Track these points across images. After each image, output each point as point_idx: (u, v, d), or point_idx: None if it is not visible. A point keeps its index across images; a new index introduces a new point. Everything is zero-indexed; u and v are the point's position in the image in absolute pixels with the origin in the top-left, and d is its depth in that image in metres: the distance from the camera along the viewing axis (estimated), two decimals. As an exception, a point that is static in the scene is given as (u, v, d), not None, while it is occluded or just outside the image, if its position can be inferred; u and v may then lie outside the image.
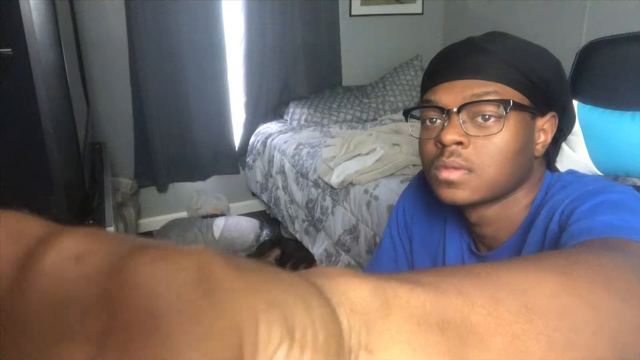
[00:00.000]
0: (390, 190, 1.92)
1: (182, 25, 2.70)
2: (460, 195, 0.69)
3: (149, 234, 2.93)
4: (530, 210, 0.73)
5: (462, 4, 3.27)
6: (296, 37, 3.02)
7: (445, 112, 0.68)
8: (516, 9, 2.83)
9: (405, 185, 1.93)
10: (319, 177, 2.26)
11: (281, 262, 2.62)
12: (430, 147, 0.71)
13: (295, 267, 2.50)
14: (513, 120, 0.67)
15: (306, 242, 2.45)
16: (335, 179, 2.12)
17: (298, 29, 3.01)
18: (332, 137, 2.58)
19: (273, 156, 2.75)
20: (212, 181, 3.13)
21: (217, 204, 3.08)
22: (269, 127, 2.97)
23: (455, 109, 0.67)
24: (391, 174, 2.04)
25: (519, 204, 0.73)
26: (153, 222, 3.01)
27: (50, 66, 1.18)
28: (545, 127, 0.71)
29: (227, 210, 3.15)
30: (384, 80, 3.23)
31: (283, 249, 2.67)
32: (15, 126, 1.26)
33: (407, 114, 0.77)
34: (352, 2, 3.18)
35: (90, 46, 2.59)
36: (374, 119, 3.04)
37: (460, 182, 0.68)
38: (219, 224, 2.79)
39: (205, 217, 2.95)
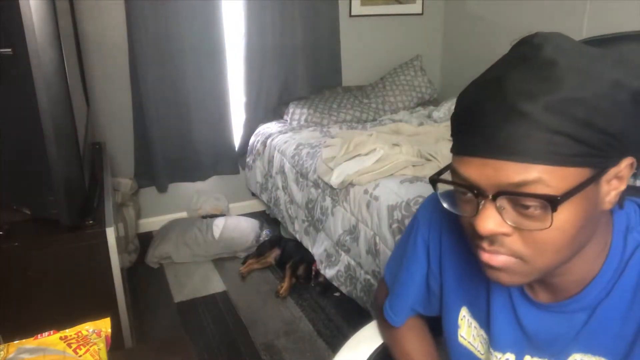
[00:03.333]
0: (390, 191, 1.92)
1: (182, 25, 2.70)
2: (507, 280, 0.60)
3: (148, 234, 2.93)
4: (607, 259, 0.62)
5: (462, 4, 3.27)
6: (296, 37, 3.02)
7: (479, 194, 0.56)
8: (516, 9, 2.83)
9: (406, 185, 1.93)
10: (319, 178, 2.26)
11: (281, 262, 2.62)
12: (467, 223, 0.60)
13: (295, 267, 2.50)
14: (566, 206, 0.53)
15: (306, 242, 2.45)
16: (335, 179, 2.12)
17: (298, 29, 3.01)
18: (332, 138, 2.58)
19: (273, 156, 2.75)
20: (212, 181, 3.13)
21: (217, 204, 3.08)
22: (269, 127, 2.97)
23: (490, 196, 0.54)
24: (391, 175, 2.04)
25: (590, 254, 0.62)
26: (153, 222, 3.01)
27: (50, 66, 1.18)
28: (620, 174, 0.57)
29: (227, 211, 3.15)
30: (384, 81, 3.23)
31: (283, 249, 2.67)
32: (15, 126, 1.26)
33: (435, 183, 0.62)
34: (352, 2, 3.18)
35: (90, 46, 2.59)
36: (374, 119, 3.04)
37: (506, 268, 0.58)
38: (219, 224, 2.79)
39: (205, 217, 2.95)
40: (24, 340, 0.79)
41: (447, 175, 0.61)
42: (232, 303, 2.38)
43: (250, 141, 3.05)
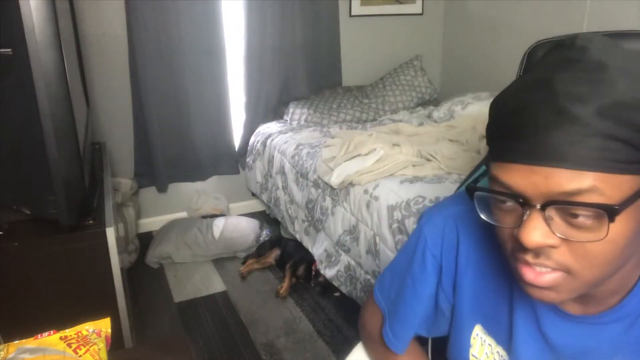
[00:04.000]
0: (390, 191, 1.92)
1: (182, 25, 2.70)
2: (551, 298, 0.56)
3: (148, 234, 2.93)
4: None
5: (462, 4, 3.27)
6: (296, 37, 3.02)
7: (524, 203, 0.52)
8: (516, 10, 2.83)
9: (406, 185, 1.93)
10: (319, 178, 2.26)
11: (281, 263, 2.62)
12: (507, 235, 0.56)
13: (295, 267, 2.50)
14: (621, 215, 0.49)
15: (306, 242, 2.45)
16: (335, 179, 2.12)
17: (298, 29, 3.01)
18: (332, 138, 2.58)
19: (273, 156, 2.75)
20: (212, 181, 3.13)
21: (217, 204, 3.08)
22: (269, 128, 2.97)
23: (538, 206, 0.51)
24: (391, 175, 2.04)
25: (630, 264, 0.59)
26: (153, 222, 3.01)
27: (50, 66, 1.18)
28: None
29: (227, 211, 3.15)
30: (384, 81, 3.23)
31: (283, 249, 2.67)
32: (15, 126, 1.26)
33: (473, 192, 0.58)
34: (352, 2, 3.18)
35: (90, 46, 2.59)
36: (374, 119, 3.04)
37: (554, 286, 0.55)
38: (219, 224, 2.79)
39: (205, 217, 2.95)
40: (24, 340, 0.79)
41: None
42: (232, 303, 2.38)
43: (250, 141, 3.05)
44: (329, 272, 2.23)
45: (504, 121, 0.54)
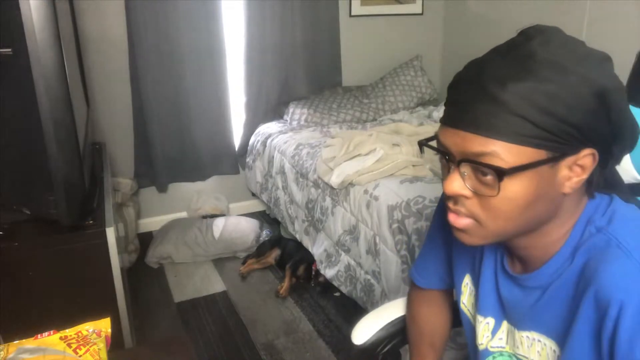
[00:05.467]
0: (390, 191, 1.92)
1: (182, 25, 2.70)
2: (468, 240, 0.68)
3: (148, 234, 2.93)
4: (565, 243, 0.68)
5: (462, 4, 3.27)
6: (296, 37, 3.02)
7: (449, 159, 0.65)
8: (516, 9, 2.83)
9: (406, 185, 1.93)
10: (319, 178, 2.26)
11: (281, 262, 2.62)
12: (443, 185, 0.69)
13: (295, 267, 2.50)
14: (518, 179, 0.60)
15: (306, 242, 2.45)
16: (335, 179, 2.12)
17: (298, 29, 3.01)
18: (332, 138, 2.58)
19: (273, 156, 2.75)
20: (212, 181, 3.13)
21: (217, 204, 3.08)
22: (269, 127, 2.97)
23: (456, 161, 0.63)
24: (391, 174, 2.04)
25: (552, 234, 0.68)
26: (153, 222, 3.01)
27: (50, 66, 1.18)
28: (580, 162, 0.62)
29: (227, 211, 3.15)
30: (383, 81, 3.23)
31: (283, 249, 2.67)
32: (15, 126, 1.26)
33: (421, 146, 0.72)
34: (352, 2, 3.18)
35: (90, 46, 2.59)
36: (374, 119, 3.04)
37: (466, 229, 0.67)
38: (218, 224, 2.79)
39: (205, 217, 2.95)
40: (24, 340, 0.79)
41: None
42: (232, 303, 2.38)
43: (250, 141, 3.05)
44: (329, 272, 2.23)
45: (449, 90, 0.65)
